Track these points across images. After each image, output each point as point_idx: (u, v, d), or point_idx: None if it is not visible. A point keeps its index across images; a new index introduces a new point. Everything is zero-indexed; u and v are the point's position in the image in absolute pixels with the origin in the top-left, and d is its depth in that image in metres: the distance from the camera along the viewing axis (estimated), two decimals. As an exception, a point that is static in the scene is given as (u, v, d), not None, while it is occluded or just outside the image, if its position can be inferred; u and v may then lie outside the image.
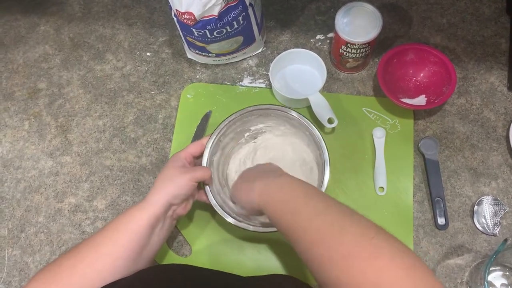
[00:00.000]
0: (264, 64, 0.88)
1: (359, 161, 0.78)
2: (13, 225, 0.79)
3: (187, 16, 0.71)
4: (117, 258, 0.56)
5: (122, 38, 0.93)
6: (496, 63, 0.84)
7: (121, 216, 0.60)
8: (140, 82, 0.88)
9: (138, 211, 0.59)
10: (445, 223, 0.73)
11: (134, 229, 0.58)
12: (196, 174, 0.63)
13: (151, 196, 0.61)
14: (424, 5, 0.90)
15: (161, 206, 0.60)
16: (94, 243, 0.57)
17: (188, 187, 0.62)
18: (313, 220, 0.48)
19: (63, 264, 0.56)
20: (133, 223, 0.58)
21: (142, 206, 0.60)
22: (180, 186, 0.62)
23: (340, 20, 0.76)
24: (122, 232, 0.58)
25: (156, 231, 0.60)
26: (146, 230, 0.58)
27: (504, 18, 0.87)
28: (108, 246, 0.57)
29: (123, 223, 0.59)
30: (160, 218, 0.60)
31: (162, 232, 0.62)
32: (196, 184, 0.64)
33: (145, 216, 0.58)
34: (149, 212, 0.59)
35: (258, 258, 0.73)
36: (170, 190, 0.61)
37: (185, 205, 0.65)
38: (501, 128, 0.79)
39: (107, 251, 0.56)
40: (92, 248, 0.57)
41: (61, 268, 0.55)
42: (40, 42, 0.94)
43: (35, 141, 0.85)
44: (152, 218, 0.59)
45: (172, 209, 0.62)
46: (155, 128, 0.84)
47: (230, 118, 0.71)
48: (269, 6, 0.92)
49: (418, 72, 0.82)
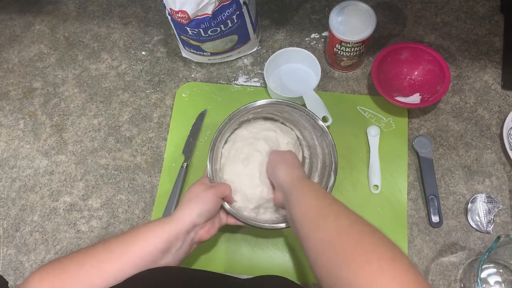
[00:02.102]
0: (259, 63, 0.88)
1: (354, 159, 0.79)
2: (8, 224, 0.79)
3: (181, 15, 0.71)
4: (125, 263, 0.54)
5: (117, 37, 0.93)
6: (490, 62, 0.84)
7: (142, 226, 0.58)
8: (135, 81, 0.88)
9: (160, 225, 0.58)
10: (439, 221, 0.73)
11: (151, 241, 0.56)
12: (219, 188, 0.64)
13: (176, 212, 0.60)
14: (418, 4, 0.90)
15: (184, 223, 0.59)
16: (107, 245, 0.56)
17: (212, 202, 0.61)
18: (328, 221, 0.49)
19: (73, 258, 0.55)
20: (152, 235, 0.57)
21: (165, 221, 0.59)
22: (205, 201, 0.61)
23: (334, 19, 0.76)
24: (138, 240, 0.56)
25: (173, 250, 0.58)
26: (162, 245, 0.56)
27: (498, 16, 0.88)
28: (120, 250, 0.56)
29: (141, 232, 0.57)
30: (180, 237, 0.58)
31: (179, 254, 0.59)
32: (220, 201, 0.64)
33: (165, 231, 0.57)
34: (171, 228, 0.58)
35: (253, 256, 0.74)
36: (194, 206, 0.60)
37: (209, 228, 0.63)
38: (495, 126, 0.80)
39: (117, 254, 0.55)
40: (104, 249, 0.56)
41: (70, 263, 0.54)
42: (35, 41, 0.94)
43: (30, 140, 0.85)
44: (172, 235, 0.57)
45: (195, 230, 0.61)
46: (150, 127, 0.84)
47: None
48: (264, 5, 0.92)
49: (413, 70, 0.82)
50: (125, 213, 0.78)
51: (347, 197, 0.76)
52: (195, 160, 0.81)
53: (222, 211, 0.67)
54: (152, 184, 0.80)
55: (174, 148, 0.82)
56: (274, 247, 0.74)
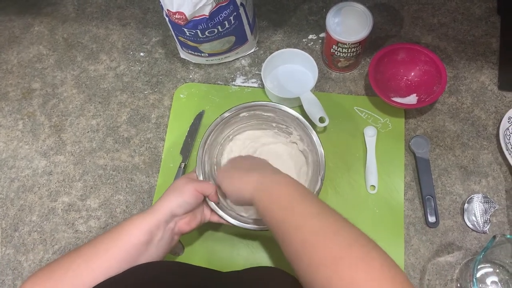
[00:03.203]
0: (256, 63, 0.88)
1: (351, 159, 0.79)
2: (7, 224, 0.79)
3: (178, 16, 0.72)
4: (111, 259, 0.56)
5: (115, 38, 0.93)
6: (487, 62, 0.85)
7: (124, 221, 0.60)
8: (133, 82, 0.89)
9: (141, 218, 0.59)
10: (435, 221, 0.74)
11: (133, 233, 0.58)
12: (201, 184, 0.64)
13: (156, 203, 0.62)
14: (415, 5, 0.90)
15: (163, 213, 0.60)
16: (93, 244, 0.58)
17: (192, 196, 0.62)
18: (307, 220, 0.48)
19: (61, 261, 0.56)
20: (133, 228, 0.58)
21: (146, 213, 0.60)
22: (185, 193, 0.62)
23: (331, 20, 0.77)
24: (121, 235, 0.58)
25: (155, 240, 0.59)
26: (144, 235, 0.58)
27: (495, 17, 0.88)
28: (105, 246, 0.57)
29: (124, 227, 0.59)
30: (160, 226, 0.59)
31: (162, 244, 0.60)
32: (201, 196, 0.64)
33: (146, 222, 0.59)
34: (151, 218, 0.59)
35: (250, 256, 0.74)
36: (174, 198, 0.62)
37: (189, 220, 0.64)
38: (491, 126, 0.80)
39: (103, 250, 0.56)
40: (90, 248, 0.57)
41: (58, 266, 0.56)
42: (34, 43, 0.94)
43: (29, 141, 0.85)
44: (153, 225, 0.59)
45: (174, 220, 0.62)
46: (148, 128, 0.85)
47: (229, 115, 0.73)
48: (262, 6, 0.93)
49: (409, 71, 0.82)
50: (123, 213, 0.79)
51: (344, 197, 0.76)
52: (193, 160, 0.81)
53: (206, 208, 0.68)
54: (150, 185, 0.80)
55: (172, 148, 0.82)
56: (272, 245, 0.74)
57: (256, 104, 0.73)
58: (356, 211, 0.76)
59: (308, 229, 0.47)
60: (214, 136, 0.73)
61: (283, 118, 0.74)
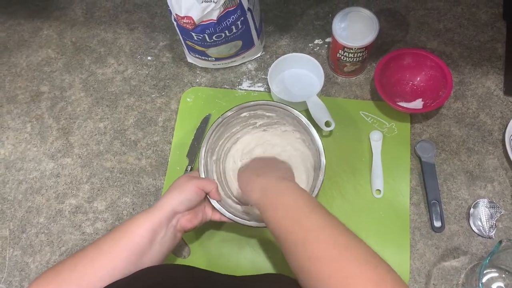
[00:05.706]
0: (263, 68, 0.89)
1: (356, 163, 0.79)
2: (14, 225, 0.80)
3: (187, 20, 0.73)
4: (115, 257, 0.56)
5: (123, 42, 0.94)
6: (492, 68, 0.85)
7: (128, 220, 0.61)
8: (140, 85, 0.90)
9: (144, 216, 0.60)
10: (441, 225, 0.74)
11: (136, 232, 0.58)
12: (202, 181, 0.65)
13: (158, 201, 0.62)
14: (421, 10, 0.91)
15: (165, 210, 0.61)
16: (97, 244, 0.58)
17: (193, 193, 0.63)
18: (315, 233, 0.48)
19: (66, 262, 0.57)
20: (136, 226, 0.59)
21: (148, 211, 0.61)
22: (186, 190, 0.63)
23: (337, 25, 0.77)
24: (124, 234, 0.59)
25: (158, 238, 0.60)
26: (147, 234, 0.58)
27: (500, 23, 0.88)
28: (109, 246, 0.58)
29: (127, 226, 0.60)
30: (163, 224, 0.60)
31: (165, 241, 0.61)
32: (202, 193, 0.65)
33: (149, 221, 0.59)
34: (154, 216, 0.60)
35: (256, 259, 0.74)
36: (175, 195, 0.62)
37: (191, 218, 0.64)
38: (497, 131, 0.80)
39: (107, 250, 0.57)
40: (94, 249, 0.58)
41: (63, 267, 0.56)
42: (43, 46, 0.95)
43: (37, 143, 0.86)
44: (155, 224, 0.59)
45: (176, 217, 0.62)
46: (155, 131, 0.85)
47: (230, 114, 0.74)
48: (269, 12, 0.93)
49: (415, 76, 0.83)
50: (130, 215, 0.79)
51: (349, 201, 0.76)
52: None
53: (208, 207, 0.69)
54: (157, 187, 0.81)
55: (178, 151, 0.83)
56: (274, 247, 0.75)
57: (258, 103, 0.74)
58: (362, 215, 0.76)
59: (315, 243, 0.47)
60: (216, 135, 0.74)
61: (284, 118, 0.75)
